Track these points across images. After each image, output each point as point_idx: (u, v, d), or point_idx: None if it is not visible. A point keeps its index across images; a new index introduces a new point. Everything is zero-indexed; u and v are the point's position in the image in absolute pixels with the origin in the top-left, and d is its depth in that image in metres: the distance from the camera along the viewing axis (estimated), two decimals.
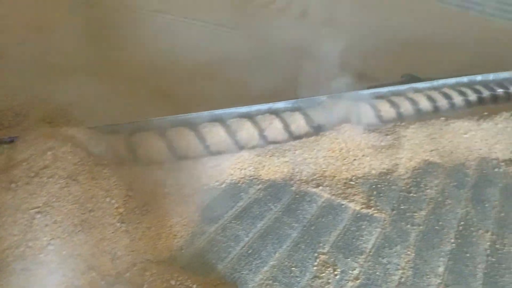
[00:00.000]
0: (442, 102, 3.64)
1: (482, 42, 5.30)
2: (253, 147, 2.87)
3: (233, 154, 2.75)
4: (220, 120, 2.97)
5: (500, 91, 3.88)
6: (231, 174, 2.65)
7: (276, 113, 3.18)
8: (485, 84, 3.97)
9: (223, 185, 2.58)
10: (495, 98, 3.80)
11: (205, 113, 2.93)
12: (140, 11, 5.47)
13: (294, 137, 3.08)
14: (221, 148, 2.81)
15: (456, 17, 6.24)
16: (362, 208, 2.61)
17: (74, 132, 2.40)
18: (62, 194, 1.99)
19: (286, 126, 3.11)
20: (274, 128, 3.08)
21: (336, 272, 2.19)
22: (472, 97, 3.74)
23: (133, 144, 2.64)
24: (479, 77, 3.99)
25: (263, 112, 3.15)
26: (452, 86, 3.86)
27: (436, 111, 3.55)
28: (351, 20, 5.79)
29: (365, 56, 4.64)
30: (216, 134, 2.85)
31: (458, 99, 3.64)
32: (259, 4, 6.29)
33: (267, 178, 2.71)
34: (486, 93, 3.83)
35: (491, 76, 4.06)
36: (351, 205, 2.63)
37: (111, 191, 2.21)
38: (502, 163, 3.06)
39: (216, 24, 5.42)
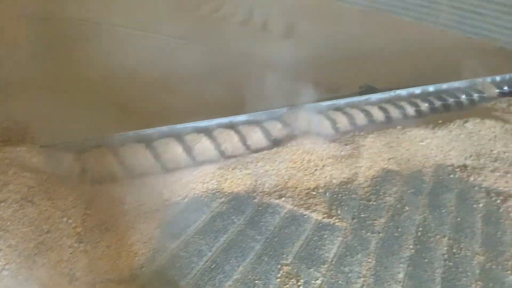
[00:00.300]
0: (399, 111, 3.74)
1: (436, 52, 5.50)
2: (214, 161, 2.87)
3: (195, 168, 2.73)
4: (180, 135, 2.96)
5: (453, 100, 4.03)
6: (194, 188, 2.63)
7: (236, 126, 3.19)
8: (439, 93, 4.11)
9: (185, 200, 2.56)
10: (449, 107, 3.94)
11: (164, 128, 2.91)
12: (99, 25, 5.40)
13: (255, 150, 3.09)
14: (182, 163, 2.79)
15: (411, 28, 6.46)
16: (323, 217, 2.64)
17: (29, 151, 2.33)
18: (16, 217, 1.93)
19: (244, 140, 3.11)
20: (234, 142, 3.08)
21: (299, 283, 2.20)
22: (427, 106, 3.86)
23: (91, 161, 2.58)
24: (432, 87, 4.13)
25: (223, 126, 3.15)
26: (408, 96, 3.98)
27: (393, 120, 3.64)
28: (309, 32, 5.91)
29: (324, 67, 4.75)
30: (175, 149, 2.83)
31: (413, 109, 3.76)
32: (219, 17, 6.33)
33: (229, 191, 2.71)
34: (440, 102, 3.97)
35: (444, 86, 4.21)
36: (313, 215, 2.66)
37: (68, 210, 2.16)
38: (457, 169, 3.17)
39: (177, 37, 5.40)
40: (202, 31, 5.63)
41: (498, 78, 4.48)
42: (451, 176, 3.10)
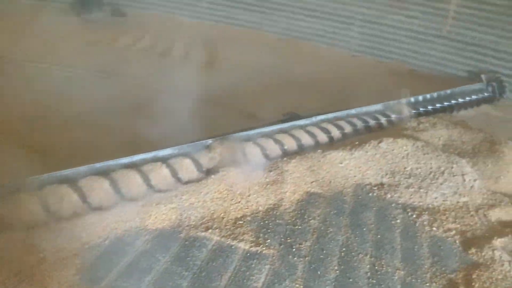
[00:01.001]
0: (321, 136, 3.84)
1: (351, 76, 5.80)
2: (139, 198, 2.80)
3: (117, 207, 2.65)
4: (101, 173, 2.86)
5: (370, 122, 4.22)
6: (115, 228, 2.55)
7: (162, 160, 3.14)
8: (357, 116, 4.29)
9: (107, 242, 2.46)
10: (365, 129, 4.13)
11: (83, 168, 2.80)
12: (9, 60, 5.14)
13: (182, 183, 3.05)
14: (104, 203, 2.69)
15: (326, 54, 6.79)
16: (251, 246, 2.65)
17: None
18: None
19: (174, 173, 3.07)
20: (161, 176, 3.03)
21: None
22: (346, 129, 4.01)
23: (4, 208, 2.42)
24: (351, 111, 4.31)
25: (148, 161, 3.09)
26: (328, 120, 4.11)
27: (316, 145, 3.74)
28: (230, 61, 6.02)
29: (246, 95, 4.85)
30: (98, 189, 2.72)
31: (332, 133, 3.89)
32: (139, 49, 6.28)
33: (154, 228, 2.65)
34: (358, 124, 4.14)
35: (363, 109, 4.39)
36: (241, 245, 2.66)
37: None
38: (375, 188, 3.32)
39: (94, 71, 5.26)
40: (121, 64, 5.54)
41: (412, 99, 4.78)
42: (370, 194, 3.25)
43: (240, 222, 2.85)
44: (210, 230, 2.72)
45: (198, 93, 4.74)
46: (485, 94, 5.62)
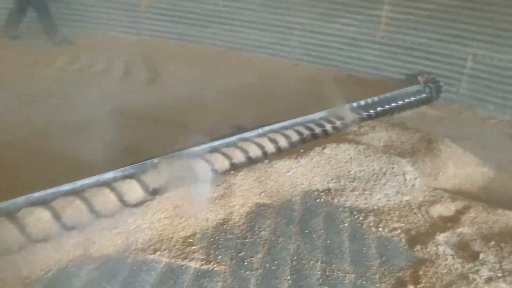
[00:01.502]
0: (269, 147, 3.84)
1: (293, 86, 5.90)
2: (82, 225, 2.69)
3: (58, 237, 2.54)
4: (41, 203, 2.73)
5: (316, 130, 4.28)
6: (58, 260, 2.44)
7: (105, 184, 3.04)
8: (303, 124, 4.33)
9: (49, 274, 2.35)
10: (311, 136, 4.17)
11: (21, 199, 2.67)
12: None
13: (129, 206, 2.96)
14: (44, 234, 2.57)
15: (268, 64, 6.87)
16: (202, 265, 2.62)
17: None
18: None
19: (119, 197, 2.97)
20: (105, 201, 2.93)
21: None
22: (294, 138, 4.03)
23: None
24: (296, 120, 4.35)
25: (90, 186, 2.98)
26: (275, 130, 4.13)
27: (263, 156, 3.74)
28: (173, 76, 5.96)
29: (191, 111, 4.81)
30: (36, 220, 2.59)
31: (279, 143, 3.90)
32: (77, 69, 6.07)
33: (99, 255, 2.56)
34: (305, 132, 4.18)
35: (309, 117, 4.45)
36: (192, 264, 2.62)
37: None
38: (322, 193, 3.38)
39: (30, 94, 5.04)
40: (57, 86, 5.34)
41: (354, 104, 4.90)
42: (317, 200, 3.29)
43: (190, 240, 2.81)
44: (158, 252, 2.66)
45: (139, 111, 4.67)
46: (423, 95, 5.86)
